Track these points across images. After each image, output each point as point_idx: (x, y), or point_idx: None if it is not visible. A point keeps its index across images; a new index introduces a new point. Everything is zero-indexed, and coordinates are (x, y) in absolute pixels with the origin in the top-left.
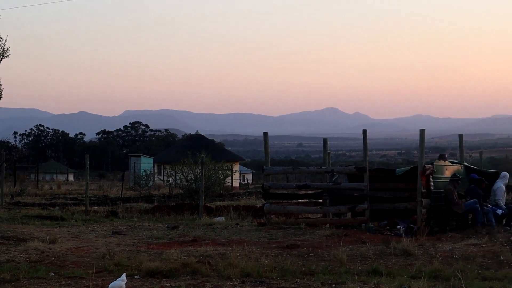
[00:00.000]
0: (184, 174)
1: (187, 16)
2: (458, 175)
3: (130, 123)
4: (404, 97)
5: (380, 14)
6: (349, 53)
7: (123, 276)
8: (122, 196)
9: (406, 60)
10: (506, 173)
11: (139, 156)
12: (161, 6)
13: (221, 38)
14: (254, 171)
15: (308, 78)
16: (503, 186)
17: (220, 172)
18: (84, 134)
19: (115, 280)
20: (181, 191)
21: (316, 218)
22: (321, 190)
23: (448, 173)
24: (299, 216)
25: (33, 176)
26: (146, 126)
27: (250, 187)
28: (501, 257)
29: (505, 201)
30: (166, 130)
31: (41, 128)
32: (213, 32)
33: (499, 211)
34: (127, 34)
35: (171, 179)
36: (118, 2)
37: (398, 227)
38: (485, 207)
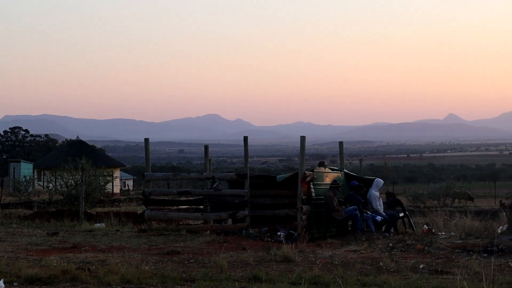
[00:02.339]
0: (64, 180)
1: (61, 19)
2: (338, 182)
3: (9, 128)
4: (285, 104)
5: (257, 20)
6: (230, 59)
7: (1, 283)
8: (1, 202)
9: (286, 67)
10: (380, 180)
11: (19, 161)
12: (26, 10)
13: (100, 41)
14: (135, 177)
15: (190, 85)
16: (376, 193)
17: (101, 178)
18: None
19: None
20: (61, 197)
21: (197, 224)
22: (202, 196)
23: (328, 180)
24: (180, 223)
25: None
26: (26, 131)
27: (131, 193)
28: (380, 263)
29: (383, 207)
30: (46, 135)
31: None
32: (91, 35)
33: (379, 218)
34: (5, 37)
35: (51, 185)
36: None
37: (279, 233)
38: (364, 214)
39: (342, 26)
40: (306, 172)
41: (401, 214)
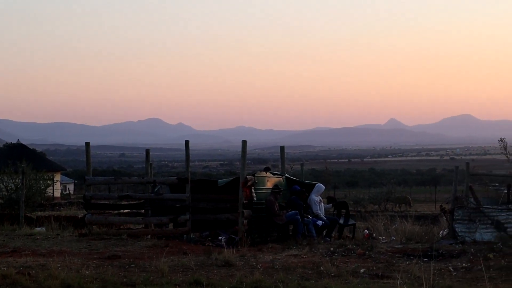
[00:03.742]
0: (4, 183)
1: None
2: (279, 186)
3: None
4: (227, 109)
5: (196, 23)
6: (172, 63)
7: None
8: None
9: (228, 72)
10: (320, 185)
11: None
12: None
13: (39, 43)
14: (76, 181)
15: (132, 88)
16: (317, 198)
17: (42, 182)
18: None
19: None
20: (1, 201)
21: (138, 228)
22: (143, 200)
23: (269, 184)
24: (121, 227)
25: None
26: None
27: (72, 197)
28: (321, 268)
29: (324, 211)
30: None
31: None
32: (30, 36)
33: (320, 222)
34: None
35: None
36: None
37: (220, 238)
38: (306, 218)
39: (282, 31)
40: (247, 176)
41: (351, 222)
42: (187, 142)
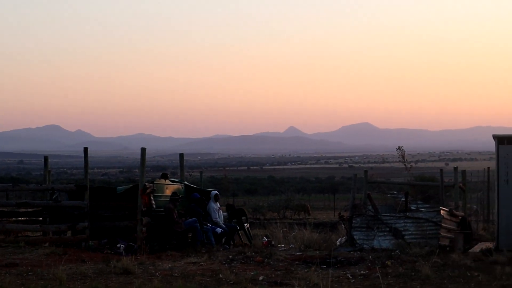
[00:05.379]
0: None
1: None
2: (178, 193)
3: None
4: (126, 116)
5: (97, 30)
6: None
7: None
8: None
9: (127, 78)
10: (214, 191)
11: None
12: None
13: None
14: None
15: (30, 94)
16: (215, 206)
17: None
18: None
19: None
20: None
21: (36, 236)
22: (41, 208)
23: (168, 192)
24: (19, 234)
25: None
26: None
27: None
28: (220, 275)
29: (223, 219)
30: None
31: None
32: None
33: (219, 230)
34: None
35: None
36: None
37: (119, 245)
38: (205, 226)
39: (180, 35)
40: (146, 184)
41: (246, 224)
42: (85, 149)
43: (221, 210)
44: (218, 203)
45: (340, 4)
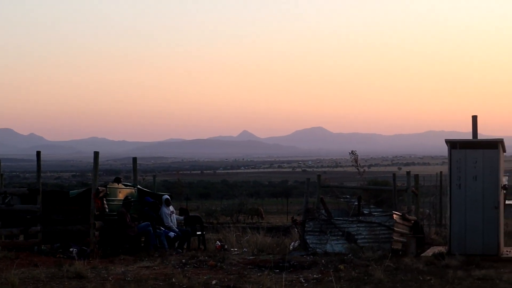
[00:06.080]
0: None
1: None
2: (130, 197)
3: None
4: (79, 119)
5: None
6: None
7: None
8: None
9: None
10: (165, 196)
11: None
12: None
13: None
14: None
15: None
16: (167, 210)
17: None
18: None
19: None
20: None
21: None
22: None
23: (121, 195)
24: None
25: None
26: None
27: None
28: (173, 280)
29: (176, 223)
30: None
31: None
32: None
33: (172, 234)
34: None
35: None
36: None
37: (72, 249)
38: (158, 230)
39: (136, 39)
40: (99, 187)
41: (199, 233)
42: (38, 153)
43: (174, 214)
44: (171, 207)
45: (290, 7)
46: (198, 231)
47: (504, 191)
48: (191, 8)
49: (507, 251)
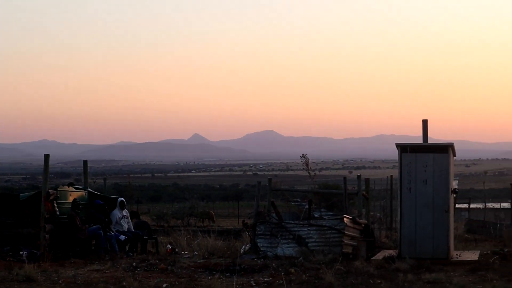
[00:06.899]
0: None
1: None
2: (81, 200)
3: None
4: (30, 122)
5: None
6: None
7: None
8: None
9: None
10: (121, 199)
11: None
12: None
13: None
14: None
15: None
16: (118, 213)
17: None
18: None
19: None
20: None
21: None
22: None
23: (72, 198)
24: None
25: None
26: None
27: None
28: (124, 283)
29: (127, 226)
30: None
31: None
32: None
33: (122, 237)
34: None
35: None
36: None
37: (22, 252)
38: (108, 233)
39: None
40: (50, 190)
41: (146, 237)
42: None
43: (127, 218)
44: (124, 210)
45: (244, 8)
46: (146, 236)
47: (454, 195)
48: (138, 8)
49: (457, 254)
